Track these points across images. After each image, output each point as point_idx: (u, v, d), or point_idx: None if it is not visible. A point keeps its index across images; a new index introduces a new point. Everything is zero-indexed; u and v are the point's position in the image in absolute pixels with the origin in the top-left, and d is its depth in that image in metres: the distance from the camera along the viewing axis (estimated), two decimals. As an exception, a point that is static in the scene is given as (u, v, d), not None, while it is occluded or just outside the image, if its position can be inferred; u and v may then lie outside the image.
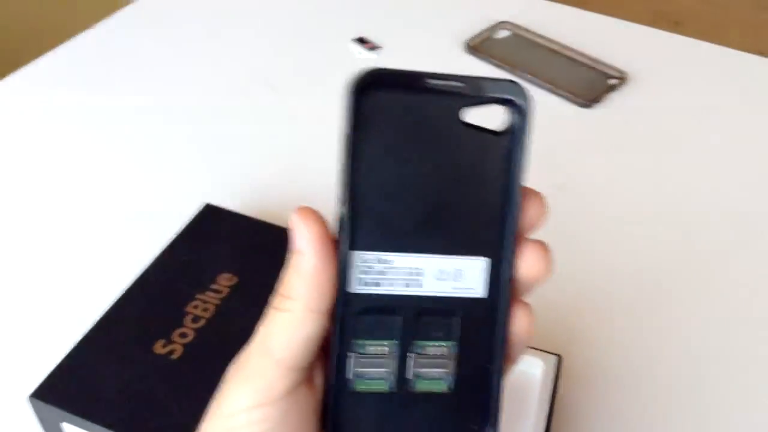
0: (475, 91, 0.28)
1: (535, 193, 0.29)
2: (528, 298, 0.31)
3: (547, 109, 0.79)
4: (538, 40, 0.87)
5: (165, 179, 0.70)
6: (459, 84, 0.28)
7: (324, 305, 0.28)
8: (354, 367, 0.29)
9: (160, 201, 0.67)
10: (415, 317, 0.29)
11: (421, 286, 0.29)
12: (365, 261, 0.28)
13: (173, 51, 0.86)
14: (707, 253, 0.64)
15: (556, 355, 0.51)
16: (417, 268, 0.28)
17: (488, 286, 0.29)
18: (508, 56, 0.84)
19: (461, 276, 0.29)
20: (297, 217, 0.28)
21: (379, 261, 0.28)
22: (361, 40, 0.86)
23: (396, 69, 0.27)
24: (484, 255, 0.29)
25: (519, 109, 0.28)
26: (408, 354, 0.29)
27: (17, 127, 0.76)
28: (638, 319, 0.58)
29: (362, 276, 0.28)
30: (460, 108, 0.28)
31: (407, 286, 0.28)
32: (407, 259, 0.28)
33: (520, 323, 0.30)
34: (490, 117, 0.29)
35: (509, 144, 0.28)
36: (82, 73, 0.83)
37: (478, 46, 0.86)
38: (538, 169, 0.72)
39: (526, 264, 0.29)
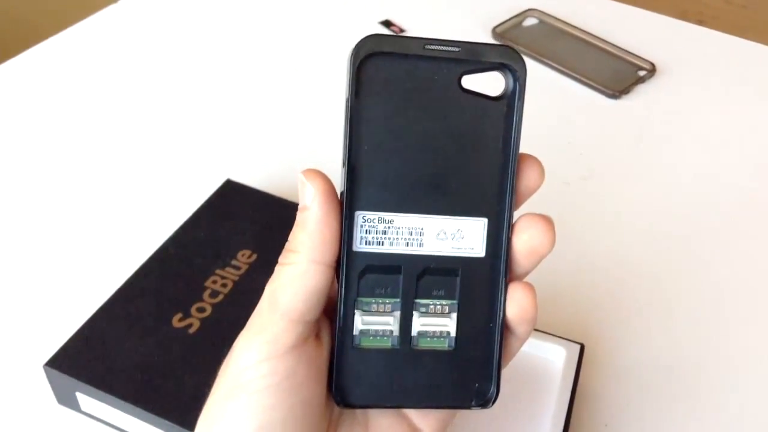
0: (471, 56, 0.29)
1: (533, 159, 0.30)
2: (531, 278, 0.30)
3: (575, 100, 0.77)
4: (567, 28, 0.86)
5: (187, 154, 0.69)
6: (455, 48, 0.29)
7: (328, 257, 0.28)
8: (359, 324, 0.30)
9: (182, 176, 0.67)
10: (418, 276, 0.30)
11: (422, 245, 0.30)
12: (368, 220, 0.29)
13: (200, 28, 0.86)
14: (734, 245, 0.63)
15: (578, 343, 0.50)
16: (418, 228, 0.29)
17: (487, 246, 0.30)
18: (536, 44, 0.83)
19: (461, 236, 0.30)
20: (303, 177, 0.28)
21: (381, 220, 0.29)
22: (387, 23, 0.85)
23: (395, 35, 0.29)
24: (483, 215, 0.30)
25: (514, 73, 0.29)
26: (411, 312, 0.30)
27: (38, 104, 0.76)
28: (662, 310, 0.57)
29: (365, 235, 0.29)
30: (459, 74, 0.29)
31: (408, 245, 0.29)
32: (408, 219, 0.29)
33: (519, 301, 0.30)
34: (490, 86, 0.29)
35: (506, 108, 0.29)
36: (107, 47, 0.82)
37: (505, 34, 0.85)
38: (565, 158, 0.72)
39: (528, 235, 0.29)
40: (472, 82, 0.29)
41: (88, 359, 0.47)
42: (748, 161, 0.71)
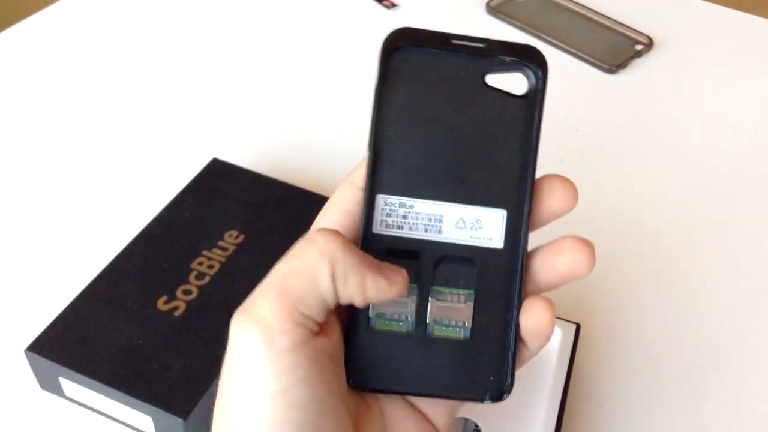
0: (495, 52, 0.30)
1: (566, 182, 0.30)
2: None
3: (571, 74, 0.76)
4: (562, 2, 0.84)
5: (173, 132, 0.68)
6: (480, 45, 0.30)
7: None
8: (375, 306, 0.30)
9: (168, 154, 0.66)
10: (435, 263, 0.30)
11: (440, 232, 0.30)
12: (389, 204, 0.30)
13: (187, 4, 0.84)
14: (733, 222, 0.61)
15: (574, 323, 0.49)
16: (437, 215, 0.30)
17: (505, 237, 0.30)
18: (531, 19, 0.81)
19: (480, 225, 0.30)
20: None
21: (401, 205, 0.30)
22: (379, -2, 0.83)
23: (425, 29, 0.30)
24: (502, 207, 0.30)
25: (536, 73, 0.30)
26: (427, 298, 0.30)
27: (22, 82, 0.74)
28: (659, 289, 0.56)
29: (385, 218, 0.30)
30: (483, 72, 0.30)
31: (427, 231, 0.30)
32: (428, 205, 0.30)
33: (538, 315, 0.29)
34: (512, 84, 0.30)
35: (527, 106, 0.30)
36: (92, 24, 0.81)
37: (499, 8, 0.83)
38: (561, 135, 0.70)
39: (571, 259, 0.29)
40: (496, 80, 0.30)
41: (71, 343, 0.45)
42: (747, 135, 0.70)
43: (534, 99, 0.30)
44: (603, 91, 0.74)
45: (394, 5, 0.82)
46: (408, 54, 0.30)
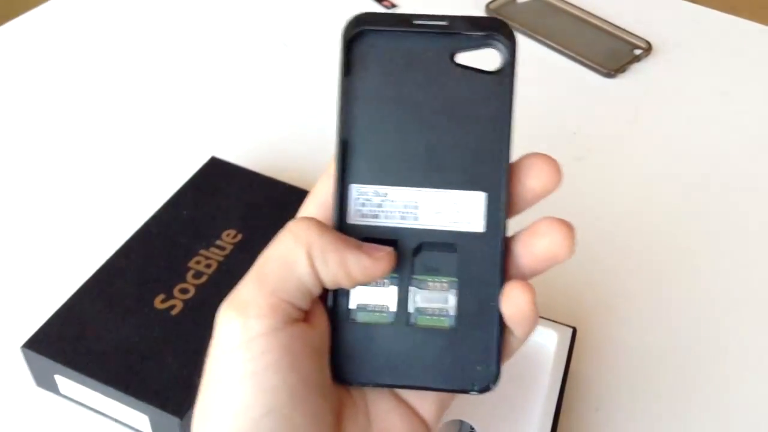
0: (459, 29, 0.29)
1: (547, 159, 0.29)
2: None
3: (569, 78, 0.76)
4: (561, 5, 0.84)
5: (171, 131, 0.68)
6: (443, 23, 0.29)
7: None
8: (354, 298, 0.29)
9: (166, 153, 0.65)
10: (415, 251, 0.29)
11: (417, 219, 0.29)
12: (362, 193, 0.29)
13: (185, 3, 0.83)
14: (730, 225, 0.62)
15: (570, 327, 0.49)
16: (413, 201, 0.29)
17: (486, 221, 0.29)
18: (530, 22, 0.81)
19: (458, 210, 0.29)
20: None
21: (376, 194, 0.29)
22: (379, -2, 0.83)
23: (385, 12, 0.29)
24: (481, 189, 0.29)
25: (505, 46, 0.29)
26: (407, 288, 0.29)
27: (18, 79, 0.74)
28: (656, 293, 0.56)
29: (360, 208, 0.29)
30: (452, 51, 0.29)
31: (404, 218, 0.29)
32: (403, 192, 0.29)
33: (516, 300, 0.28)
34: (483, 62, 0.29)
35: (499, 81, 0.29)
36: (89, 21, 0.80)
37: (498, 10, 0.83)
38: (559, 138, 0.70)
39: (549, 240, 0.28)
40: (465, 57, 0.29)
41: (67, 341, 0.45)
42: (744, 140, 0.70)
43: (506, 73, 0.29)
44: (601, 95, 0.75)
45: (393, 5, 0.82)
46: (370, 39, 0.29)
